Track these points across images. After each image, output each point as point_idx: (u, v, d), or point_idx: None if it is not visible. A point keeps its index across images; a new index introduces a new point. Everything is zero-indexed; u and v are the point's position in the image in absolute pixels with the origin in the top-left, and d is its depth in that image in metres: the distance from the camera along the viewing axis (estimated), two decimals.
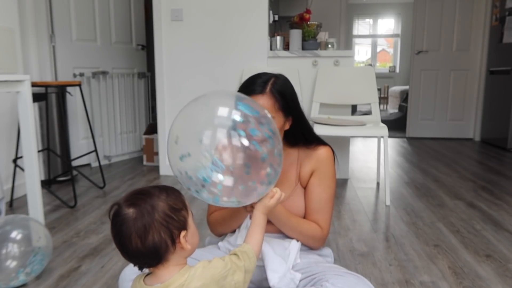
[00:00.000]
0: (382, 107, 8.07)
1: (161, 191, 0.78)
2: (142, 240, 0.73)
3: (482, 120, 4.73)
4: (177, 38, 3.01)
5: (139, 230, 0.73)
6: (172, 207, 0.76)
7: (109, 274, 1.56)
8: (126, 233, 0.73)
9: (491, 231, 2.00)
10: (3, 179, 2.37)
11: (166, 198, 0.77)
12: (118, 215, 0.75)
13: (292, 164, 1.17)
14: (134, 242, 0.73)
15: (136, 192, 0.78)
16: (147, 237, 0.73)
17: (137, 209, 0.74)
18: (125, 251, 0.75)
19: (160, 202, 0.75)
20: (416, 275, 1.56)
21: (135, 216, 0.73)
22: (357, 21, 8.75)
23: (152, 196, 0.76)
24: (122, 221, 0.73)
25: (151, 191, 0.77)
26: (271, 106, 1.05)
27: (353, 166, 3.44)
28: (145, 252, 0.74)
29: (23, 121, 1.71)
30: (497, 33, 4.37)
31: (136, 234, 0.73)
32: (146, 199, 0.75)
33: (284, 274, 1.01)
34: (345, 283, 0.94)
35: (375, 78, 2.87)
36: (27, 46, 2.73)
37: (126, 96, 3.64)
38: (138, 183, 2.91)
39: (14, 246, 1.42)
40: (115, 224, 0.75)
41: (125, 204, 0.75)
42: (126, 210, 0.74)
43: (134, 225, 0.73)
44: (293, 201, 1.15)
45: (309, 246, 1.17)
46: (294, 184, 1.16)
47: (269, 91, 1.06)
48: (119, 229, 0.74)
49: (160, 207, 0.75)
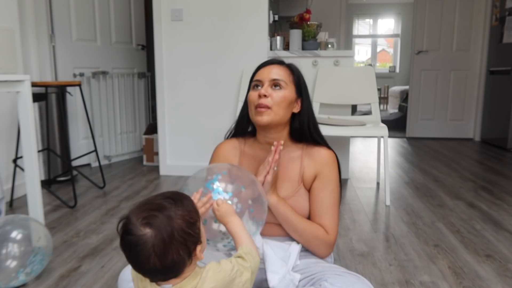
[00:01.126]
0: (382, 107, 8.07)
1: (175, 203, 0.74)
2: (161, 260, 0.70)
3: (482, 120, 4.73)
4: (177, 38, 3.01)
5: (158, 252, 0.70)
6: (188, 223, 0.73)
7: (109, 274, 1.56)
8: (144, 254, 0.69)
9: (491, 231, 2.00)
10: (3, 179, 2.37)
11: (182, 212, 0.74)
12: (131, 234, 0.70)
13: (294, 161, 1.17)
14: (152, 263, 0.70)
15: (150, 207, 0.73)
16: (166, 257, 0.70)
17: (155, 230, 0.70)
18: (140, 268, 0.73)
19: (178, 220, 0.72)
20: (416, 275, 1.56)
21: (154, 238, 0.69)
22: (357, 21, 8.75)
23: (168, 212, 0.72)
24: (138, 241, 0.70)
25: (165, 205, 0.73)
26: (287, 75, 1.13)
27: (353, 166, 3.44)
28: (162, 269, 0.72)
29: (23, 121, 1.71)
30: (497, 33, 4.37)
31: (155, 255, 0.70)
32: (163, 217, 0.71)
33: (284, 275, 1.02)
34: (344, 282, 0.94)
35: (375, 78, 2.87)
36: (27, 46, 2.73)
37: (126, 96, 3.64)
38: (138, 183, 2.91)
39: (14, 246, 1.42)
40: (129, 244, 0.71)
41: (141, 222, 0.70)
42: (143, 230, 0.70)
43: (153, 247, 0.69)
44: (296, 201, 1.14)
45: (316, 252, 1.14)
46: (296, 184, 1.16)
47: (287, 65, 1.16)
48: (135, 250, 0.70)
49: (178, 226, 0.72)
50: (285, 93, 1.11)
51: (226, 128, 3.01)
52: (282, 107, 1.10)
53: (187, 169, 3.13)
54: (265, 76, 1.13)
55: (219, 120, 3.07)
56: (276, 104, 1.09)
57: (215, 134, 3.08)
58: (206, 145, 3.09)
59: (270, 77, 1.11)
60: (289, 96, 1.11)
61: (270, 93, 1.10)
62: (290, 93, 1.12)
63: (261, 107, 1.09)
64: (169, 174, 3.15)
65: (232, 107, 3.03)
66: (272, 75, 1.12)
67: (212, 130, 3.09)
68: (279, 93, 1.10)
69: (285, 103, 1.10)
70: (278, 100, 1.09)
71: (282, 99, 1.10)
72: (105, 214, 2.24)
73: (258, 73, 1.16)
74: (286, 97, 1.11)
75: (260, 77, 1.13)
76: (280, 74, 1.12)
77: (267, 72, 1.13)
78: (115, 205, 2.40)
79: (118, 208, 2.35)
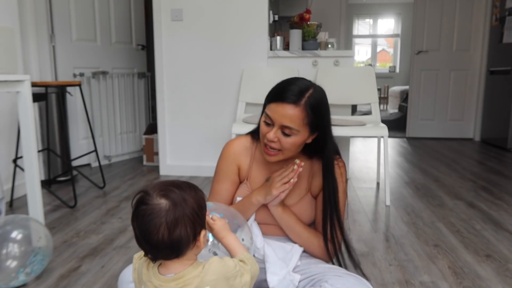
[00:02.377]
0: (382, 107, 8.07)
1: (190, 187, 0.79)
2: (170, 232, 0.73)
3: (482, 120, 4.73)
4: (177, 38, 3.01)
5: (170, 222, 0.72)
6: (199, 205, 0.77)
7: (109, 274, 1.56)
8: (155, 222, 0.72)
9: (491, 231, 2.00)
10: (3, 179, 2.37)
11: (194, 194, 0.78)
12: (146, 204, 0.73)
13: (305, 173, 1.15)
14: (161, 233, 0.72)
15: (167, 183, 0.77)
16: (175, 229, 0.73)
17: (171, 200, 0.74)
18: (147, 240, 0.74)
19: (191, 199, 0.76)
20: (416, 275, 1.56)
21: (168, 207, 0.73)
22: (357, 21, 8.75)
23: (183, 190, 0.76)
24: (152, 210, 0.73)
25: (181, 185, 0.78)
26: (300, 120, 1.01)
27: (353, 166, 3.44)
28: (168, 244, 0.74)
29: (23, 121, 1.71)
30: (497, 33, 4.37)
31: (167, 225, 0.72)
32: (178, 192, 0.75)
33: (284, 276, 1.02)
34: (344, 284, 0.94)
35: (375, 78, 2.87)
36: (27, 46, 2.73)
37: (126, 96, 3.64)
38: (138, 183, 2.91)
39: (14, 246, 1.42)
40: (143, 213, 0.73)
41: (158, 193, 0.74)
42: (158, 200, 0.73)
43: (166, 216, 0.72)
44: (301, 208, 1.15)
45: (312, 253, 1.15)
46: (304, 191, 1.16)
47: (304, 104, 1.00)
48: (147, 218, 0.73)
49: (190, 203, 0.75)
50: (295, 139, 1.03)
51: (226, 127, 3.04)
52: (292, 150, 1.06)
53: (187, 169, 3.13)
54: (276, 117, 1.02)
55: (219, 120, 3.07)
56: (285, 148, 1.05)
57: (215, 134, 3.08)
58: (206, 145, 3.09)
59: (281, 122, 1.01)
60: (300, 140, 1.04)
61: (279, 138, 1.03)
62: (302, 137, 1.04)
63: (270, 149, 1.06)
64: (169, 174, 3.15)
65: (232, 107, 3.03)
66: (284, 120, 1.01)
67: (212, 130, 3.09)
68: (288, 140, 1.03)
69: (295, 147, 1.05)
70: (287, 145, 1.04)
71: (291, 145, 1.04)
72: (105, 214, 2.24)
73: (271, 107, 1.03)
74: (296, 142, 1.04)
75: (272, 115, 1.03)
76: (292, 119, 1.00)
77: (280, 114, 1.01)
78: (115, 205, 2.40)
79: (118, 208, 2.35)
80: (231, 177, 1.18)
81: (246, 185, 1.18)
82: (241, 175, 1.19)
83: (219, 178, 1.19)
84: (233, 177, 1.18)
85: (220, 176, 1.19)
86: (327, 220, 1.10)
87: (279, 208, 1.09)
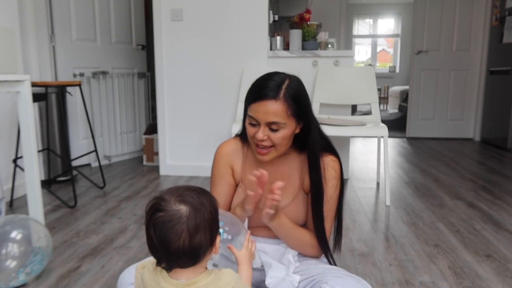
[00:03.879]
0: (382, 107, 8.07)
1: (203, 190, 0.76)
2: (191, 238, 0.70)
3: (482, 120, 4.73)
4: (177, 38, 3.01)
5: (192, 228, 0.70)
6: (215, 209, 0.75)
7: (109, 274, 1.56)
8: (177, 229, 0.69)
9: (491, 231, 2.00)
10: (3, 179, 2.36)
11: (209, 198, 0.75)
12: (163, 210, 0.70)
13: (296, 170, 1.15)
14: (183, 240, 0.69)
15: (181, 188, 0.74)
16: (196, 235, 0.70)
17: (190, 205, 0.71)
18: (166, 248, 0.70)
19: (207, 202, 0.74)
20: (416, 275, 1.56)
21: (189, 213, 0.70)
22: (357, 21, 8.75)
23: (199, 194, 0.74)
24: (172, 216, 0.69)
25: (195, 189, 0.75)
26: (284, 112, 1.01)
27: (353, 166, 3.44)
28: (188, 251, 0.71)
29: (23, 121, 1.71)
30: (497, 33, 4.37)
31: (188, 231, 0.69)
32: (196, 196, 0.73)
33: (283, 277, 1.01)
34: (344, 285, 0.94)
35: (375, 78, 2.87)
36: (27, 46, 2.73)
37: (126, 96, 3.64)
38: (138, 183, 2.91)
39: (14, 246, 1.41)
40: (161, 220, 0.70)
41: (175, 199, 0.71)
42: (178, 205, 0.70)
43: (187, 221, 0.70)
44: (296, 207, 1.14)
45: (307, 255, 1.15)
46: (297, 189, 1.15)
47: (283, 96, 1.01)
48: (167, 225, 0.69)
49: (208, 207, 0.73)
50: (284, 132, 1.03)
51: (226, 128, 3.04)
52: (284, 144, 1.06)
53: (187, 169, 3.13)
54: (260, 116, 1.02)
55: (219, 120, 3.07)
56: (276, 144, 1.04)
57: (215, 134, 3.08)
58: (206, 145, 3.09)
59: (266, 120, 1.01)
60: (289, 132, 1.04)
61: (268, 135, 1.03)
62: (290, 128, 1.04)
63: (262, 148, 1.06)
64: (169, 174, 3.15)
65: (232, 107, 3.03)
66: (268, 117, 1.01)
67: (212, 130, 3.09)
68: (278, 134, 1.03)
69: (286, 140, 1.05)
70: (278, 141, 1.04)
71: (282, 139, 1.04)
72: (105, 214, 2.24)
73: (253, 108, 1.03)
74: (286, 135, 1.04)
75: (255, 116, 1.03)
76: (276, 113, 1.00)
77: (263, 112, 1.01)
78: (115, 205, 2.40)
79: (118, 208, 2.35)
80: (227, 179, 1.18)
81: (241, 188, 1.17)
82: (235, 178, 1.19)
83: (215, 182, 1.19)
84: (229, 179, 1.18)
85: (216, 180, 1.19)
86: (315, 213, 1.10)
87: (274, 222, 1.05)
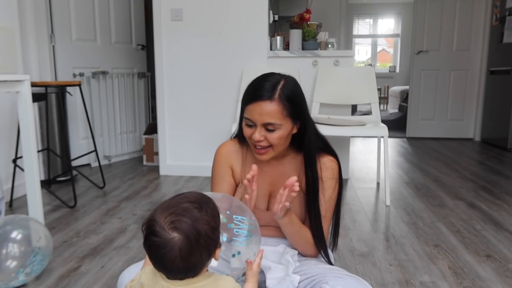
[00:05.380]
0: (382, 107, 8.07)
1: (201, 208, 0.76)
2: (185, 262, 0.73)
3: (482, 120, 4.73)
4: (177, 38, 3.01)
5: (184, 255, 0.72)
6: (213, 227, 0.76)
7: (109, 274, 1.56)
8: (169, 256, 0.72)
9: (491, 231, 2.00)
10: (2, 179, 2.36)
11: (207, 218, 0.75)
12: (158, 236, 0.72)
13: (295, 170, 1.15)
14: (176, 264, 0.73)
15: (177, 211, 0.74)
16: (190, 259, 0.73)
17: (183, 235, 0.72)
18: (162, 267, 0.75)
19: (204, 225, 0.74)
20: (416, 275, 1.56)
21: (181, 242, 0.72)
22: (357, 21, 8.75)
23: (194, 217, 0.74)
24: (166, 244, 0.72)
25: (192, 209, 0.75)
26: (280, 113, 1.01)
27: (353, 166, 3.44)
28: (184, 270, 0.74)
29: (23, 121, 1.71)
30: (498, 33, 4.36)
31: (181, 258, 0.72)
32: (190, 222, 0.73)
33: (283, 277, 1.01)
34: (345, 285, 0.94)
35: (375, 78, 2.87)
36: (27, 46, 2.73)
37: (126, 96, 3.64)
38: (138, 183, 2.90)
39: (14, 246, 1.41)
40: (156, 244, 0.72)
41: (168, 226, 0.72)
42: (171, 234, 0.72)
43: (179, 250, 0.72)
44: (294, 207, 1.13)
45: (309, 254, 1.14)
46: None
47: (278, 97, 1.01)
48: (161, 252, 0.73)
49: (204, 231, 0.74)
50: (281, 133, 1.03)
51: (226, 128, 3.04)
52: (281, 144, 1.06)
53: (187, 169, 3.13)
54: (256, 117, 1.02)
55: (219, 120, 3.07)
56: (274, 144, 1.05)
57: (215, 134, 3.08)
58: (206, 145, 3.09)
59: (262, 121, 1.02)
60: (286, 132, 1.04)
61: (265, 136, 1.04)
62: (286, 128, 1.04)
63: (260, 148, 1.06)
64: (169, 174, 3.15)
65: (232, 107, 3.03)
66: (264, 118, 1.01)
67: (212, 130, 3.09)
68: (274, 134, 1.03)
69: (283, 140, 1.05)
70: (275, 141, 1.04)
71: (279, 140, 1.04)
72: (105, 214, 2.24)
73: (249, 109, 1.04)
74: (282, 135, 1.04)
75: (251, 117, 1.03)
76: (272, 114, 1.01)
77: (258, 113, 1.02)
78: (115, 205, 2.40)
79: (118, 208, 2.35)
80: (227, 179, 1.18)
81: (241, 189, 1.17)
82: (235, 178, 1.19)
83: (216, 182, 1.19)
84: (229, 179, 1.18)
85: (216, 180, 1.19)
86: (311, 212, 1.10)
87: (285, 218, 1.04)
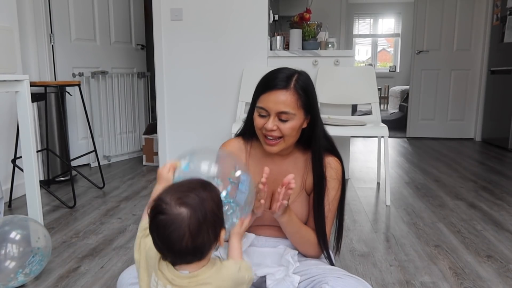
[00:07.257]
0: (383, 107, 8.06)
1: (204, 186, 0.77)
2: (193, 239, 0.72)
3: (483, 120, 4.72)
4: (177, 38, 3.00)
5: (193, 230, 0.71)
6: (217, 205, 0.76)
7: (109, 275, 1.56)
8: (178, 233, 0.71)
9: (492, 232, 1.99)
10: (2, 179, 2.36)
11: (212, 195, 0.76)
12: (164, 213, 0.71)
13: (299, 170, 1.15)
14: (185, 242, 0.71)
15: (183, 189, 0.75)
16: (198, 236, 0.72)
17: (191, 209, 0.72)
18: (169, 249, 0.73)
19: (210, 201, 0.74)
20: (417, 275, 1.56)
21: (189, 217, 0.71)
22: (357, 21, 8.74)
23: (200, 194, 0.74)
24: (174, 220, 0.71)
25: (197, 187, 0.76)
26: (294, 103, 1.02)
27: (353, 166, 3.43)
28: (192, 250, 0.73)
29: (22, 121, 1.70)
30: (498, 32, 4.36)
31: (190, 234, 0.71)
32: (197, 198, 0.73)
33: (283, 278, 1.01)
34: (345, 285, 0.94)
35: (376, 78, 2.86)
36: (26, 45, 2.73)
37: (125, 96, 3.63)
38: (137, 183, 2.90)
39: (13, 247, 1.41)
40: (163, 223, 0.71)
41: (176, 202, 0.72)
42: (178, 209, 0.71)
43: (188, 226, 0.71)
44: (296, 207, 1.13)
45: (309, 254, 1.14)
46: (299, 189, 1.15)
47: (293, 87, 1.03)
48: (169, 229, 0.71)
49: (210, 207, 0.74)
50: (293, 123, 1.04)
51: (226, 128, 3.03)
52: (292, 135, 1.06)
53: None
54: (271, 105, 1.02)
55: (219, 120, 3.06)
56: (285, 134, 1.04)
57: (215, 134, 3.07)
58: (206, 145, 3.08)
59: (276, 109, 1.02)
60: (298, 123, 1.05)
61: (277, 126, 1.04)
62: (299, 119, 1.05)
63: (271, 139, 1.05)
64: None
65: (232, 107, 3.03)
66: (279, 106, 1.02)
67: (212, 130, 3.08)
68: (287, 125, 1.03)
69: (294, 131, 1.05)
70: (287, 132, 1.04)
71: (291, 130, 1.04)
72: (105, 215, 2.24)
73: (263, 98, 1.05)
74: (295, 126, 1.04)
75: (266, 106, 1.03)
76: (287, 103, 1.02)
77: (273, 102, 1.02)
78: (114, 205, 2.40)
79: (117, 208, 2.35)
80: None
81: None
82: None
83: None
84: None
85: None
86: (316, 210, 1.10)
87: (285, 216, 1.04)
